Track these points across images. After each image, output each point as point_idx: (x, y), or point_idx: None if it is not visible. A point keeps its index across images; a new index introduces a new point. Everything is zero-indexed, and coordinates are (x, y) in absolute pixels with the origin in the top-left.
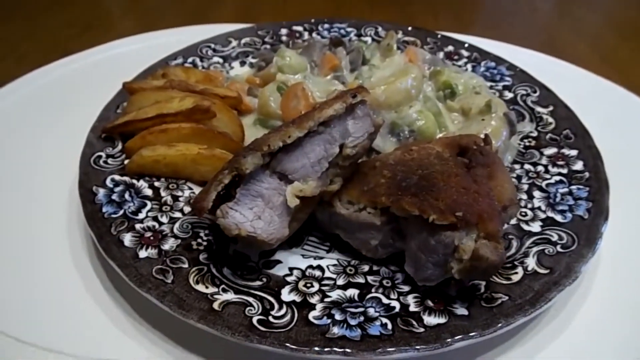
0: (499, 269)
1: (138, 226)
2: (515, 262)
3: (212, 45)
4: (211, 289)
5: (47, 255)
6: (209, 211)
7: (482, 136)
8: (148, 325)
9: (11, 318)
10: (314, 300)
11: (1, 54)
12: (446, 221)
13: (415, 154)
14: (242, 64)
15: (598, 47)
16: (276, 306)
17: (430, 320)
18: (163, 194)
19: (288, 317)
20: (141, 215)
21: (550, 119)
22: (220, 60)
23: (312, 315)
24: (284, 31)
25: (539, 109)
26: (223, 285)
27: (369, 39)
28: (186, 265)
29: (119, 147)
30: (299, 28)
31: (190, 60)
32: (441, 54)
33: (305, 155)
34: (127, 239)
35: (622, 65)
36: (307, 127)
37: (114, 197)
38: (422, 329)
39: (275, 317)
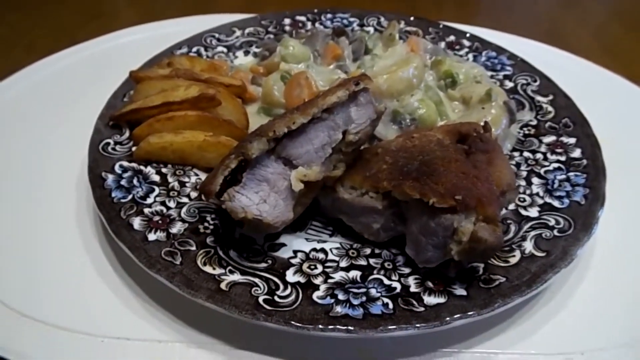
0: (497, 250)
1: (147, 210)
2: (513, 246)
3: (217, 35)
4: (218, 270)
5: (57, 238)
6: (216, 195)
7: (482, 124)
8: (157, 306)
9: (24, 297)
10: (317, 281)
11: (11, 42)
12: (446, 204)
13: (416, 141)
14: (246, 53)
15: (601, 37)
16: (281, 286)
17: (430, 300)
18: (170, 179)
19: (293, 297)
20: (149, 200)
21: (550, 108)
22: (225, 50)
23: (316, 295)
24: (287, 21)
25: (538, 97)
26: (230, 267)
27: (371, 29)
28: (194, 248)
29: (127, 134)
30: (302, 18)
31: (195, 49)
32: (443, 44)
33: (309, 141)
34: (137, 222)
35: (625, 56)
36: (311, 113)
37: (123, 182)
38: (422, 308)
39: (280, 297)
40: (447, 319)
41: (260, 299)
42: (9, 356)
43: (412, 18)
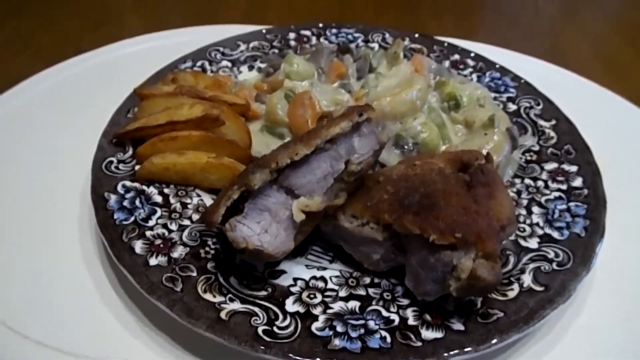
0: (495, 288)
1: (148, 233)
2: (512, 279)
3: (221, 49)
4: (218, 298)
5: (60, 257)
6: (217, 225)
7: (485, 153)
8: (157, 330)
9: (24, 318)
10: (316, 311)
11: (17, 48)
12: (446, 241)
13: (418, 169)
14: (251, 68)
15: (601, 51)
16: (280, 316)
17: (428, 334)
18: (172, 200)
19: (292, 328)
20: (151, 222)
21: (552, 133)
22: (229, 65)
23: (314, 326)
24: (292, 35)
25: (541, 122)
26: (230, 295)
27: (376, 45)
28: (194, 274)
29: (130, 152)
30: (307, 32)
31: (199, 64)
32: (447, 63)
33: (311, 171)
34: (138, 246)
35: (624, 70)
36: (314, 145)
37: (125, 203)
38: (419, 343)
39: (279, 328)
40: (445, 354)
41: (260, 330)
42: None
43: (416, 35)
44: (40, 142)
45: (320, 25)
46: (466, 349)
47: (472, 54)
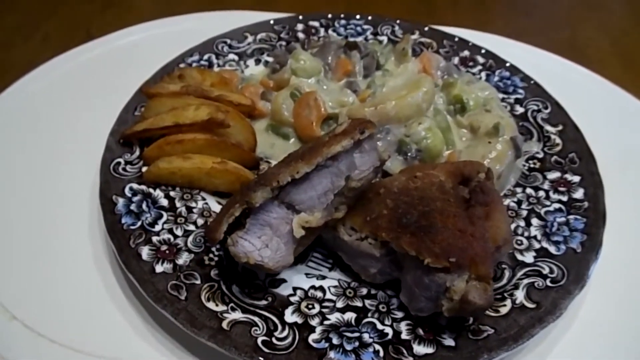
0: (486, 310)
1: (155, 239)
2: (505, 294)
3: (228, 41)
4: (221, 307)
5: (69, 256)
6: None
7: (487, 161)
8: (163, 332)
9: (35, 315)
10: (314, 322)
11: (26, 33)
12: (440, 265)
13: (419, 182)
14: (257, 62)
15: (622, 48)
16: (279, 327)
17: (419, 349)
18: (178, 204)
19: (290, 339)
20: (157, 227)
21: (558, 140)
22: (236, 58)
23: (311, 338)
24: (300, 27)
25: (548, 127)
26: (232, 304)
27: (385, 39)
28: (199, 282)
29: (137, 152)
30: (315, 24)
31: (206, 57)
32: (456, 59)
33: (312, 187)
34: (145, 252)
35: None
36: (315, 163)
37: (132, 207)
38: (411, 358)
39: (278, 339)
40: None
41: (259, 340)
42: None
43: (426, 29)
44: (50, 135)
45: (329, 16)
46: None
47: (483, 51)
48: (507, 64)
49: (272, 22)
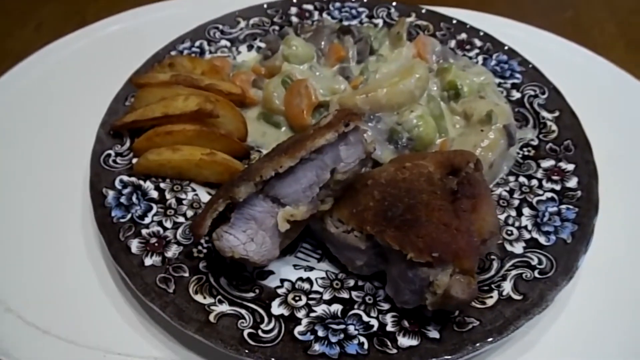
0: (469, 304)
1: (144, 232)
2: (493, 285)
3: (220, 27)
4: (208, 300)
5: (63, 248)
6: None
7: (479, 151)
8: (155, 324)
9: (30, 307)
10: (300, 314)
11: (22, 20)
12: (423, 260)
13: (407, 173)
14: (250, 47)
15: (628, 30)
16: (266, 319)
17: (404, 341)
18: (168, 196)
19: (275, 332)
20: (147, 220)
21: (554, 127)
22: (228, 44)
23: (297, 330)
24: (293, 10)
25: (544, 113)
26: (219, 296)
27: (380, 22)
28: (187, 274)
29: (127, 144)
30: (310, 7)
31: (197, 43)
32: (453, 42)
33: (297, 180)
34: (134, 245)
35: None
36: (298, 157)
37: (122, 199)
38: (395, 350)
39: (264, 331)
40: None
41: (245, 333)
42: None
43: (423, 10)
44: (43, 125)
45: None
46: (439, 358)
47: (481, 33)
48: (505, 47)
49: (265, 5)
